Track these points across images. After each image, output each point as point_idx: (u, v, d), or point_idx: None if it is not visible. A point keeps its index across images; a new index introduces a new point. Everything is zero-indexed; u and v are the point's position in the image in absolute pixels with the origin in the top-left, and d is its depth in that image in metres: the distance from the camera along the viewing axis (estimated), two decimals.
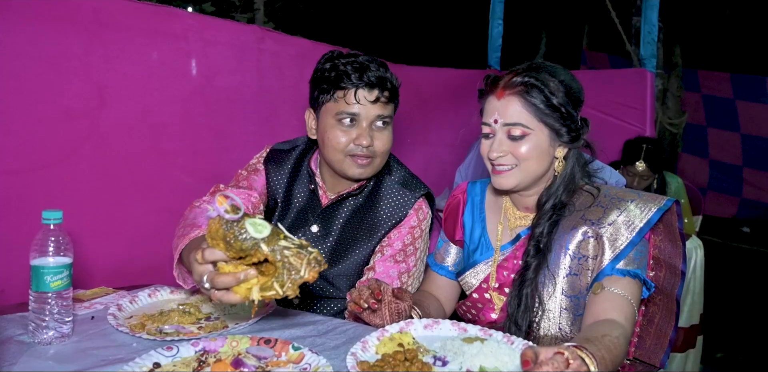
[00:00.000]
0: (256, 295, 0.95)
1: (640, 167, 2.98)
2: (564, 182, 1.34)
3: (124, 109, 1.91)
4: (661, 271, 1.38)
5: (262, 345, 1.10)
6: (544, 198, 1.35)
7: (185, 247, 1.17)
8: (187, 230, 1.24)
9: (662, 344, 1.38)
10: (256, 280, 0.96)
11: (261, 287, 0.95)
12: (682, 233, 1.32)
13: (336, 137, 1.47)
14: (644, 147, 2.99)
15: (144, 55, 1.95)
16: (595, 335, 1.10)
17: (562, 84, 1.29)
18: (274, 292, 0.95)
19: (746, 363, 3.46)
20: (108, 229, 1.88)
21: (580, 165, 1.36)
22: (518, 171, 1.31)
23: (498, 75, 1.33)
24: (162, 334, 1.17)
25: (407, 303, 1.25)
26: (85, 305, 1.36)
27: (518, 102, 1.27)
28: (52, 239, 1.12)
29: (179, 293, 1.44)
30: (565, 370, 0.83)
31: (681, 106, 5.05)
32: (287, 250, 0.95)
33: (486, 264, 1.43)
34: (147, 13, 1.95)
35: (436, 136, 3.19)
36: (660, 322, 1.39)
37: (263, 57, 2.29)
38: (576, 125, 1.31)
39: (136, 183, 1.95)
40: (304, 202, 1.61)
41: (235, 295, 0.96)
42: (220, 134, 2.20)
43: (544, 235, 1.31)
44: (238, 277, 0.95)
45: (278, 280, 0.94)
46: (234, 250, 0.94)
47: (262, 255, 0.94)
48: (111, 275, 1.80)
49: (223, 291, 0.98)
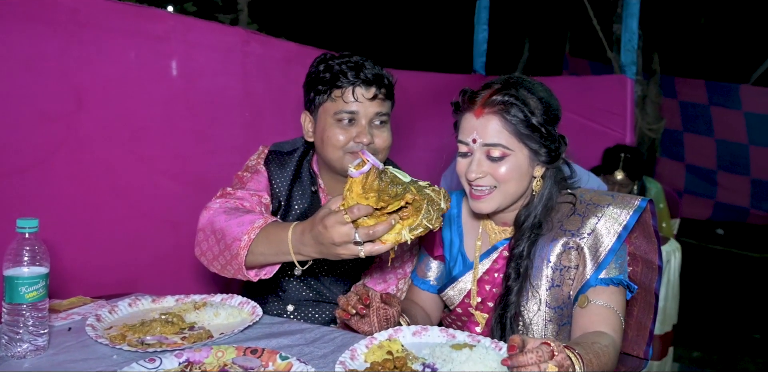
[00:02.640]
0: (408, 235, 1.05)
1: (618, 176, 3.05)
2: (542, 201, 1.32)
3: (102, 112, 1.87)
4: (638, 266, 1.40)
5: (249, 355, 1.08)
6: (522, 217, 1.33)
7: (261, 238, 1.24)
8: (241, 230, 1.27)
9: (643, 335, 1.40)
10: (400, 226, 1.05)
11: (409, 228, 1.04)
12: (656, 230, 1.34)
13: (335, 135, 1.46)
14: (622, 156, 3.05)
15: (124, 57, 1.92)
16: (585, 341, 1.12)
17: (541, 101, 1.27)
18: (422, 229, 1.05)
19: (721, 362, 3.53)
20: (86, 236, 1.84)
21: (557, 182, 1.34)
22: (497, 194, 1.28)
23: (474, 90, 1.30)
24: (144, 346, 1.13)
25: (395, 309, 1.25)
26: (61, 316, 1.32)
27: (498, 121, 1.24)
28: (27, 248, 1.08)
29: (161, 302, 1.40)
30: (549, 360, 0.87)
31: (659, 112, 5.14)
32: (426, 188, 1.06)
33: (466, 279, 1.41)
34: (128, 13, 1.91)
35: (423, 140, 3.19)
36: (639, 315, 1.41)
37: (248, 60, 2.26)
38: (555, 144, 1.29)
39: (115, 188, 1.91)
40: (306, 205, 1.59)
41: (385, 243, 1.05)
42: (203, 138, 2.17)
43: (524, 257, 1.30)
44: (390, 222, 1.03)
45: (426, 216, 1.04)
46: (385, 199, 1.02)
47: (410, 197, 1.03)
48: (89, 284, 1.76)
49: (369, 244, 1.06)
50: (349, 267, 1.54)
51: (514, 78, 1.31)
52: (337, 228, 1.06)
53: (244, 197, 1.47)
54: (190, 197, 2.06)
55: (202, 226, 1.39)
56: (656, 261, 1.36)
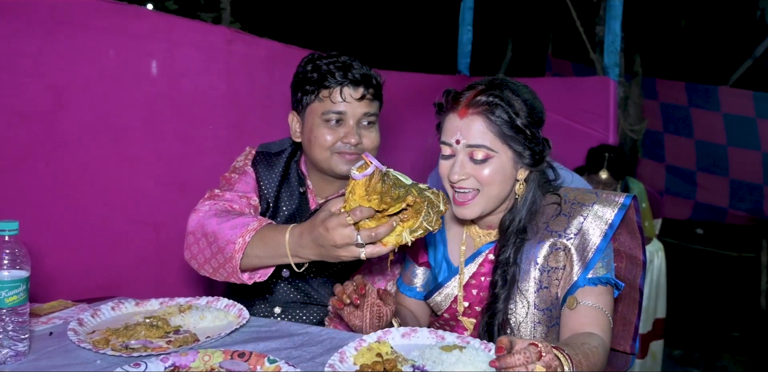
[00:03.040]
0: (408, 237, 1.05)
1: (603, 176, 3.08)
2: (526, 205, 1.30)
3: (82, 111, 1.84)
4: (621, 262, 1.40)
5: (236, 358, 1.07)
6: (507, 222, 1.31)
7: (256, 241, 1.23)
8: (235, 233, 1.25)
9: (628, 330, 1.41)
10: (400, 228, 1.05)
11: (409, 230, 1.05)
12: (640, 225, 1.34)
13: (323, 135, 1.45)
14: (607, 156, 3.08)
15: (104, 55, 1.89)
16: (575, 342, 1.12)
17: (526, 103, 1.25)
18: (422, 231, 1.06)
19: (702, 359, 3.59)
20: (67, 238, 1.81)
21: (541, 186, 1.32)
22: (481, 198, 1.26)
23: (458, 91, 1.28)
24: (128, 350, 1.11)
25: (389, 307, 1.23)
26: (42, 320, 1.29)
27: (482, 122, 1.22)
28: (7, 251, 1.05)
29: (145, 305, 1.37)
30: (536, 361, 0.86)
31: (641, 113, 5.20)
32: (425, 191, 1.07)
33: (452, 285, 1.39)
34: (109, 10, 1.88)
35: (407, 141, 3.19)
36: (623, 310, 1.42)
37: (232, 59, 2.24)
38: (539, 147, 1.27)
39: (96, 190, 1.88)
40: (294, 206, 1.58)
41: (386, 245, 1.05)
42: (186, 139, 2.14)
43: (510, 263, 1.28)
44: (392, 224, 1.04)
45: (426, 218, 1.05)
46: (387, 201, 1.02)
47: (411, 199, 1.03)
48: (70, 287, 1.74)
49: (370, 246, 1.06)
50: (338, 269, 1.52)
51: (498, 79, 1.29)
52: (339, 230, 1.05)
53: (232, 199, 1.45)
54: (173, 199, 2.04)
55: (191, 229, 1.36)
56: (640, 256, 1.36)
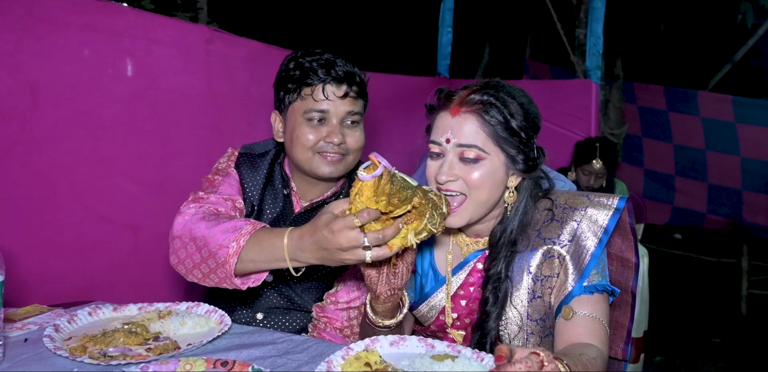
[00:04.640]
0: (413, 239, 1.03)
1: (597, 165, 3.09)
2: (518, 216, 1.25)
3: (59, 110, 1.79)
4: (612, 264, 1.36)
5: (219, 367, 1.03)
6: (497, 233, 1.26)
7: (251, 245, 1.18)
8: (228, 237, 1.21)
9: (621, 335, 1.36)
10: (405, 230, 1.04)
11: (414, 232, 1.04)
12: (632, 227, 1.29)
13: (304, 134, 1.41)
14: (598, 145, 3.11)
15: (82, 53, 1.84)
16: (573, 353, 1.08)
17: (522, 107, 1.21)
18: (426, 233, 1.05)
19: (683, 366, 3.62)
20: (42, 241, 1.76)
21: (533, 196, 1.27)
22: (468, 204, 1.21)
23: (452, 90, 1.24)
24: (106, 358, 1.07)
25: (406, 266, 1.16)
26: (16, 326, 1.24)
27: (475, 121, 1.18)
28: None
29: (123, 311, 1.33)
30: (538, 371, 0.82)
31: (622, 117, 5.25)
32: (429, 193, 1.06)
33: (440, 296, 1.35)
34: (86, 7, 1.84)
35: (386, 141, 3.17)
36: (616, 314, 1.37)
37: (211, 58, 2.20)
38: (533, 153, 1.23)
39: (73, 191, 1.83)
40: (279, 209, 1.54)
41: (391, 248, 1.03)
42: (165, 138, 2.10)
43: (501, 279, 1.24)
44: (398, 226, 1.02)
45: (430, 220, 1.04)
46: (394, 203, 1.01)
47: (417, 201, 1.03)
48: (45, 291, 1.69)
49: (376, 249, 1.03)
50: (323, 274, 1.49)
51: (494, 81, 1.26)
52: (345, 233, 1.02)
53: (218, 202, 1.41)
54: (151, 200, 2.00)
55: (177, 233, 1.31)
56: (632, 258, 1.31)
